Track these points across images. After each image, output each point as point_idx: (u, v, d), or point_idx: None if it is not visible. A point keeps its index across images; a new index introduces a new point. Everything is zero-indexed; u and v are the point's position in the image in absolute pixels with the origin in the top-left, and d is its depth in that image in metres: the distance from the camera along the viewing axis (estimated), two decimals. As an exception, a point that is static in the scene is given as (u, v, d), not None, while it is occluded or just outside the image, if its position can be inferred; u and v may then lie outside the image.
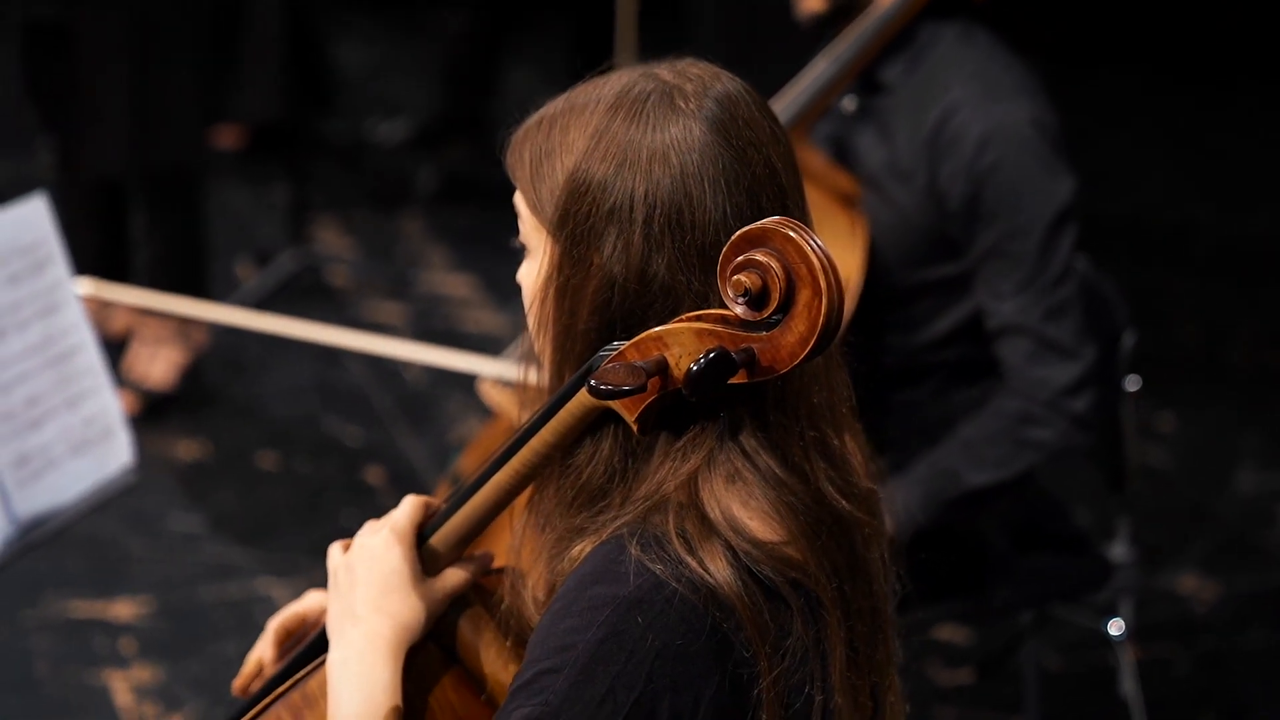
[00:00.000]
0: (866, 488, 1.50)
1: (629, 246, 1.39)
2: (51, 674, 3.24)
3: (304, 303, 4.58)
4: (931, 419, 2.59)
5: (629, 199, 1.39)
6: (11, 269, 2.25)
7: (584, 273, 1.42)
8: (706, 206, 1.39)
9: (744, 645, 1.36)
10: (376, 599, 1.49)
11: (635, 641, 1.34)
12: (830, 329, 1.30)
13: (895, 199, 2.52)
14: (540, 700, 1.34)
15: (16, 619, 3.37)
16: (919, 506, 2.48)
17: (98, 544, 3.61)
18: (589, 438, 1.44)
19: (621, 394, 1.33)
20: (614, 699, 1.33)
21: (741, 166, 1.40)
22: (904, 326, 2.58)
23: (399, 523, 1.52)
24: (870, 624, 1.47)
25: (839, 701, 1.42)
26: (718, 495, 1.39)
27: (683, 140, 1.40)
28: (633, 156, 1.40)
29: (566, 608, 1.37)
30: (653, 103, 1.42)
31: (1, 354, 2.22)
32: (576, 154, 1.42)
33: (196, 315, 3.60)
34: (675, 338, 1.36)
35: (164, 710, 3.14)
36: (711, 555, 1.36)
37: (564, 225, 1.42)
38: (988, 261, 2.46)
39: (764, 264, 1.30)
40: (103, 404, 2.34)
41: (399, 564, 1.50)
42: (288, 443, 4.07)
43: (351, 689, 1.46)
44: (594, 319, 1.42)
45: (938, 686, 3.28)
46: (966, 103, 2.45)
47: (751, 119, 1.43)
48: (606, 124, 1.42)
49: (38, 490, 2.24)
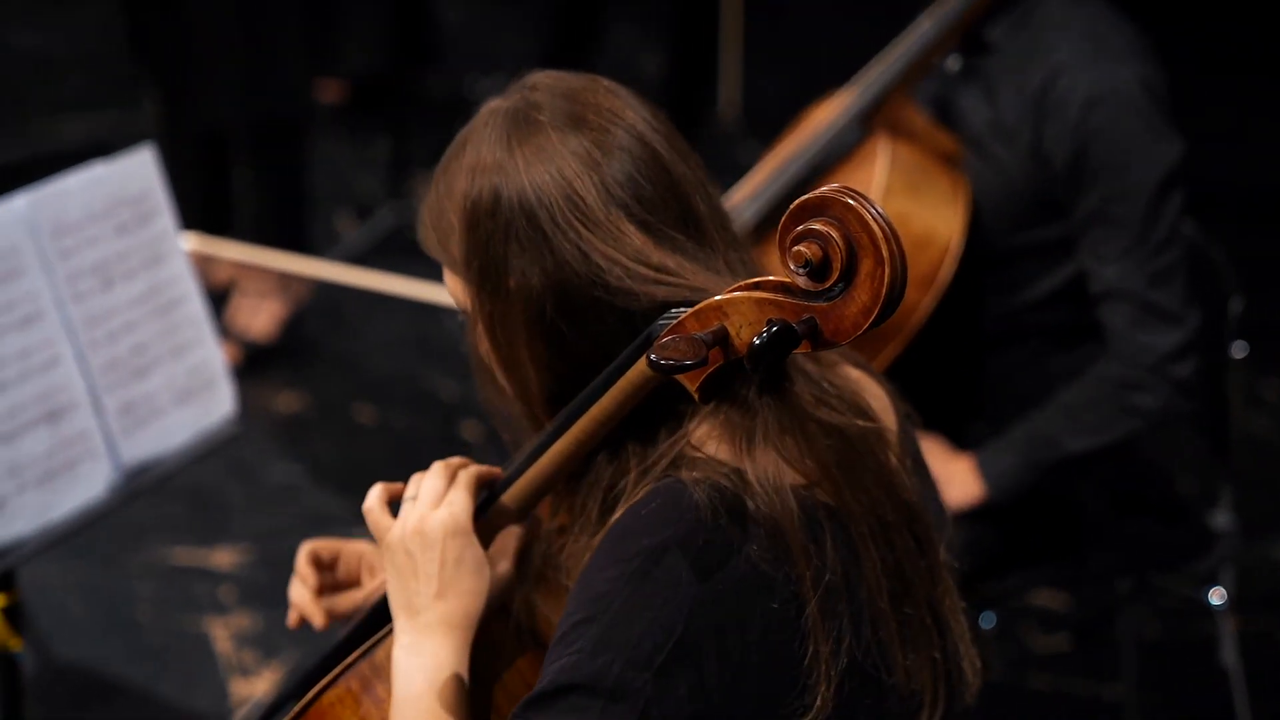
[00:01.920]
0: (862, 401, 1.50)
1: (536, 255, 1.44)
2: (153, 619, 3.30)
3: (403, 257, 4.60)
4: (1031, 382, 2.57)
5: (518, 208, 1.45)
6: (119, 219, 2.28)
7: (505, 301, 1.46)
8: (591, 191, 1.43)
9: (786, 579, 1.37)
10: (439, 587, 1.49)
11: (671, 586, 1.35)
12: (894, 297, 1.29)
13: (998, 160, 2.49)
14: (575, 649, 1.35)
15: (121, 564, 3.43)
16: (1019, 471, 2.46)
17: (199, 492, 3.67)
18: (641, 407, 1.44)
19: (684, 369, 1.33)
20: (651, 641, 1.34)
21: (610, 146, 1.46)
22: (1004, 289, 2.56)
23: (458, 510, 1.51)
24: (910, 536, 1.48)
25: (883, 635, 1.43)
26: (743, 443, 1.40)
27: (547, 143, 1.46)
28: (508, 172, 1.46)
29: (600, 559, 1.39)
30: (509, 120, 1.49)
31: (109, 303, 2.26)
32: (460, 193, 1.48)
33: (297, 270, 3.64)
34: (735, 307, 1.35)
35: (262, 657, 3.18)
36: (749, 499, 1.37)
37: (471, 263, 1.48)
38: (1091, 225, 2.44)
39: (824, 234, 1.28)
40: (206, 354, 2.37)
41: (460, 551, 1.50)
42: (385, 396, 4.10)
43: (417, 673, 1.47)
44: (535, 341, 1.46)
45: (1033, 652, 3.26)
46: (1074, 63, 2.42)
47: (606, 102, 1.49)
48: (475, 156, 1.48)
49: (143, 438, 2.28)
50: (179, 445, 2.33)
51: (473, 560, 1.50)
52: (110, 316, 2.26)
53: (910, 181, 2.50)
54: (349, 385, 4.16)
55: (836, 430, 1.44)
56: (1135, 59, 2.43)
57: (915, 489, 1.51)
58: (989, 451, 2.50)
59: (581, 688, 1.34)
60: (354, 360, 4.28)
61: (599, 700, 1.33)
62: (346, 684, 1.51)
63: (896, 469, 1.49)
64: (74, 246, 2.22)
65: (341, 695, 1.51)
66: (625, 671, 1.33)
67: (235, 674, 3.15)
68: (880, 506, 1.45)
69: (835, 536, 1.41)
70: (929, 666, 1.46)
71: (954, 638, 1.50)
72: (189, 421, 2.34)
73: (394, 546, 1.51)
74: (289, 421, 4.00)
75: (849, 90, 2.63)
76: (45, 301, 2.18)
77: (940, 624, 1.49)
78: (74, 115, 5.35)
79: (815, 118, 2.70)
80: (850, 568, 1.42)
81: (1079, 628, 3.32)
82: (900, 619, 1.45)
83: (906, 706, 1.45)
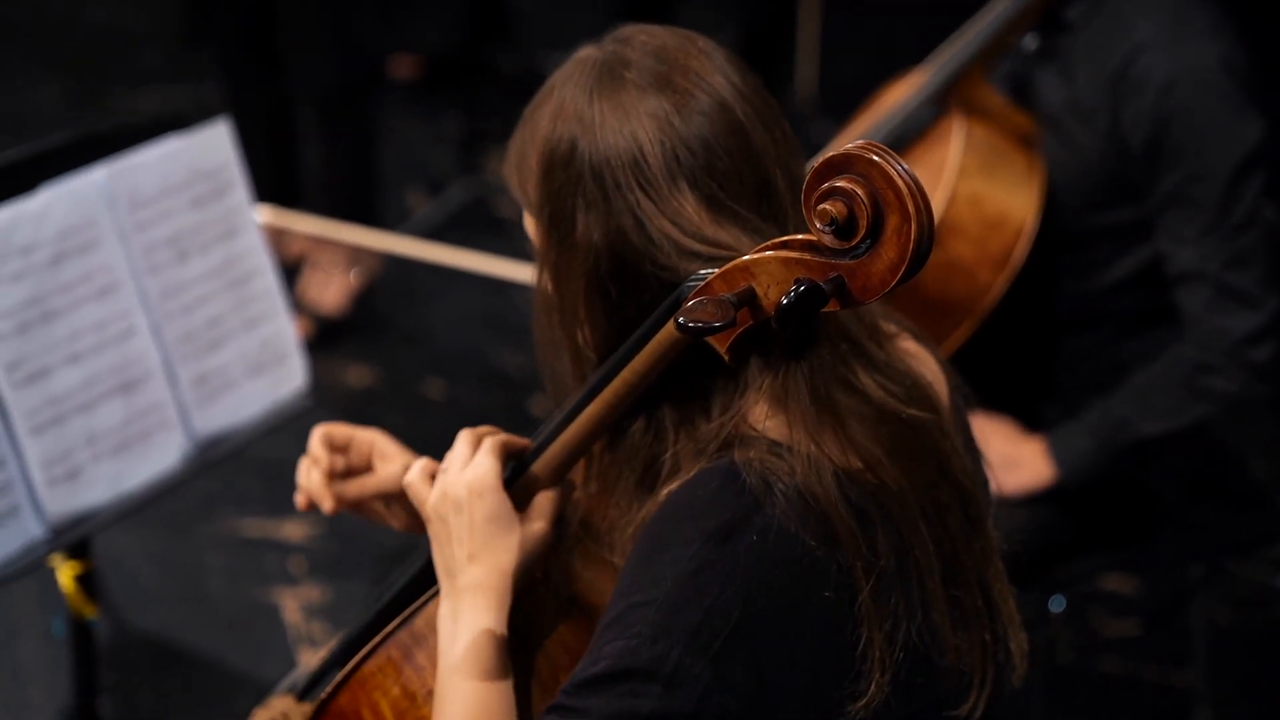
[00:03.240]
0: (922, 388, 1.49)
1: (599, 213, 1.43)
2: (224, 590, 3.33)
3: (474, 233, 4.62)
4: (1104, 366, 2.55)
5: (589, 164, 1.44)
6: (195, 192, 2.29)
7: (569, 250, 1.46)
8: (659, 158, 1.42)
9: (840, 566, 1.36)
10: (471, 548, 1.49)
11: (728, 570, 1.34)
12: (921, 254, 1.27)
13: (1075, 140, 2.47)
14: (633, 632, 1.34)
15: (192, 535, 3.47)
16: (1091, 455, 2.44)
17: (270, 465, 3.69)
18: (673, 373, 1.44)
19: (711, 330, 1.32)
20: (709, 627, 1.33)
21: (689, 112, 1.44)
22: (1080, 270, 2.53)
23: (482, 470, 1.51)
24: (964, 517, 1.47)
25: (935, 618, 1.42)
26: (798, 423, 1.39)
27: (626, 101, 1.45)
28: (585, 126, 1.45)
29: (655, 540, 1.38)
30: (598, 72, 1.48)
31: (184, 276, 2.27)
32: (540, 138, 1.48)
33: (368, 244, 3.66)
34: (762, 267, 1.34)
35: (331, 629, 3.21)
36: (803, 481, 1.36)
37: (543, 209, 1.48)
38: (1169, 206, 2.41)
39: (849, 191, 1.27)
40: (279, 328, 2.38)
41: (488, 510, 1.49)
42: (454, 371, 4.12)
43: (456, 640, 1.47)
44: (591, 294, 1.46)
45: (1103, 636, 3.24)
46: (1153, 42, 2.39)
47: (696, 64, 1.47)
48: (560, 101, 1.48)
49: (215, 410, 2.30)
50: (251, 417, 2.34)
51: (502, 518, 1.49)
52: (185, 289, 2.27)
53: (985, 161, 2.48)
54: (419, 360, 4.18)
55: (895, 417, 1.43)
56: (1217, 38, 2.40)
57: (968, 470, 1.50)
58: (1060, 434, 2.48)
59: (640, 672, 1.33)
60: (424, 335, 4.29)
61: (657, 685, 1.33)
62: (387, 653, 1.52)
63: (951, 452, 1.48)
64: (150, 219, 2.24)
65: (383, 664, 1.52)
66: (684, 658, 1.33)
67: (304, 644, 3.18)
68: (934, 489, 1.44)
69: (886, 523, 1.40)
70: (979, 648, 1.46)
71: (1003, 620, 1.49)
72: (261, 394, 2.35)
73: (430, 516, 1.53)
74: (359, 395, 4.02)
75: (925, 69, 2.61)
76: (122, 273, 2.20)
77: (990, 606, 1.48)
78: (150, 89, 5.40)
79: (890, 96, 2.68)
80: (903, 552, 1.41)
81: (1150, 613, 3.29)
82: (952, 600, 1.44)
83: (956, 687, 1.45)
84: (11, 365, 2.07)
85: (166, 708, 3.02)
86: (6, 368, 2.07)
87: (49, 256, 2.12)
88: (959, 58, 2.54)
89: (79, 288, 2.15)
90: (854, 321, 1.45)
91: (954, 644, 1.43)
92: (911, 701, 1.41)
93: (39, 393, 2.10)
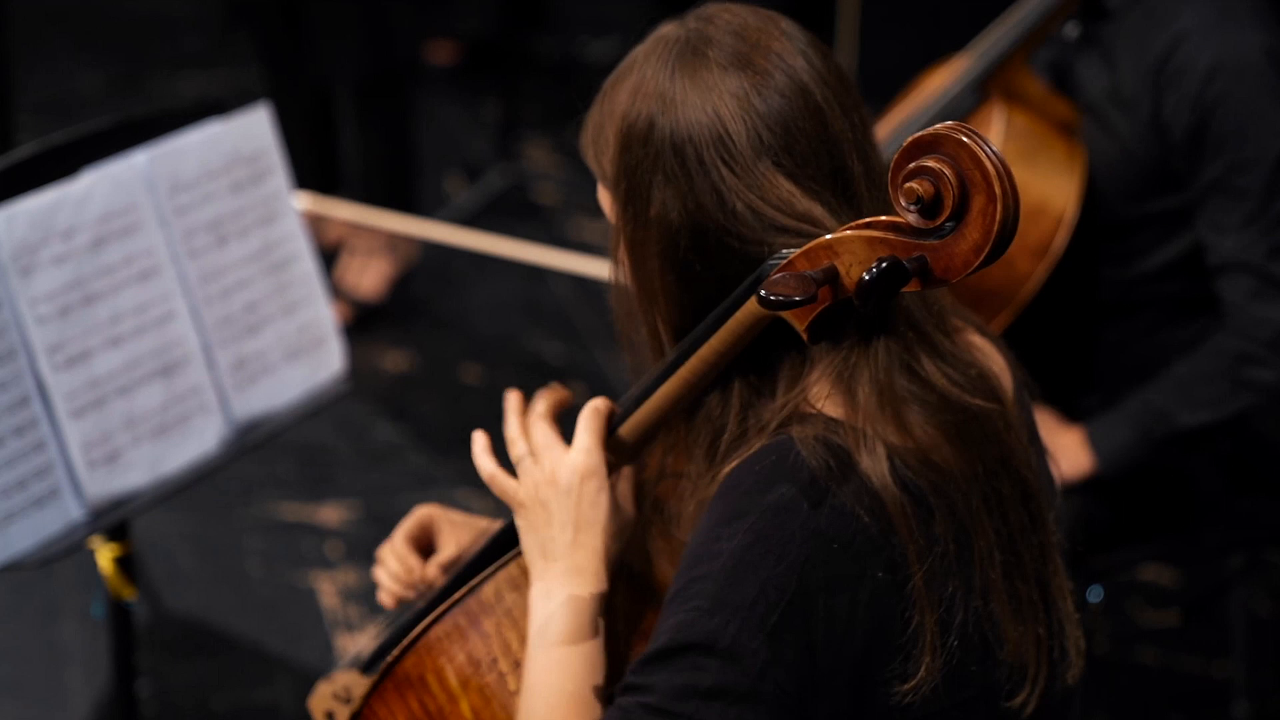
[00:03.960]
0: (989, 379, 1.48)
1: (677, 191, 1.43)
2: (262, 573, 3.34)
3: (511, 219, 4.62)
4: (1144, 355, 2.53)
5: (668, 142, 1.44)
6: (234, 177, 2.30)
7: (645, 227, 1.46)
8: (743, 134, 1.42)
9: (895, 547, 1.36)
10: (574, 532, 1.50)
11: (784, 545, 1.35)
12: (1006, 236, 1.27)
13: (1116, 128, 2.45)
14: (691, 606, 1.36)
15: (230, 518, 3.48)
16: (1130, 445, 2.43)
17: (307, 449, 3.71)
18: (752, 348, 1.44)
19: (792, 304, 1.33)
20: (765, 600, 1.34)
21: (769, 92, 1.44)
22: (1120, 259, 2.52)
23: (591, 453, 1.52)
24: (1024, 511, 1.47)
25: (995, 607, 1.42)
26: (860, 404, 1.39)
27: (708, 79, 1.44)
28: (666, 103, 1.45)
29: (714, 516, 1.39)
30: (679, 49, 1.47)
31: (223, 260, 2.28)
32: (620, 113, 1.48)
33: (407, 230, 3.66)
34: (845, 246, 1.34)
35: (367, 613, 3.22)
36: (860, 461, 1.37)
37: (620, 184, 1.48)
38: (1211, 195, 2.39)
39: (936, 170, 1.27)
40: (317, 313, 2.39)
41: (595, 494, 1.51)
42: (491, 357, 4.12)
43: (552, 620, 1.48)
44: (668, 270, 1.46)
45: (1141, 626, 3.22)
46: (1196, 30, 2.37)
47: (777, 45, 1.47)
48: (640, 78, 1.48)
49: (254, 394, 2.31)
50: (289, 402, 2.35)
51: (608, 501, 1.51)
52: (224, 273, 2.28)
53: (1025, 149, 2.46)
54: (456, 346, 4.19)
55: (958, 406, 1.43)
56: (1260, 26, 2.38)
57: (1032, 465, 1.50)
58: (1100, 424, 2.47)
59: (699, 646, 1.35)
60: (461, 321, 4.30)
61: (715, 659, 1.34)
62: (454, 620, 1.54)
63: (1015, 445, 1.48)
64: (190, 203, 2.25)
65: (449, 630, 1.53)
66: (741, 633, 1.34)
67: (340, 629, 3.19)
68: (995, 480, 1.44)
69: (945, 509, 1.40)
70: (1034, 642, 1.45)
71: (1060, 617, 1.49)
72: (299, 379, 2.36)
73: (528, 502, 1.53)
74: (396, 381, 4.03)
75: (965, 55, 2.60)
76: (162, 257, 2.21)
77: (1048, 601, 1.48)
78: (190, 74, 5.42)
79: (930, 83, 2.67)
80: (963, 540, 1.41)
81: (1189, 603, 3.28)
82: (1011, 592, 1.43)
83: (1011, 679, 1.44)
84: (53, 348, 2.09)
85: (203, 690, 3.04)
86: (48, 351, 2.08)
87: (90, 240, 2.13)
88: (1000, 44, 2.53)
89: (120, 271, 2.16)
90: (922, 310, 1.45)
91: (1013, 636, 1.43)
92: (964, 689, 1.41)
93: (80, 376, 2.11)
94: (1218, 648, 3.12)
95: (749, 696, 1.34)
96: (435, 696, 1.52)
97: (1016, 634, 1.43)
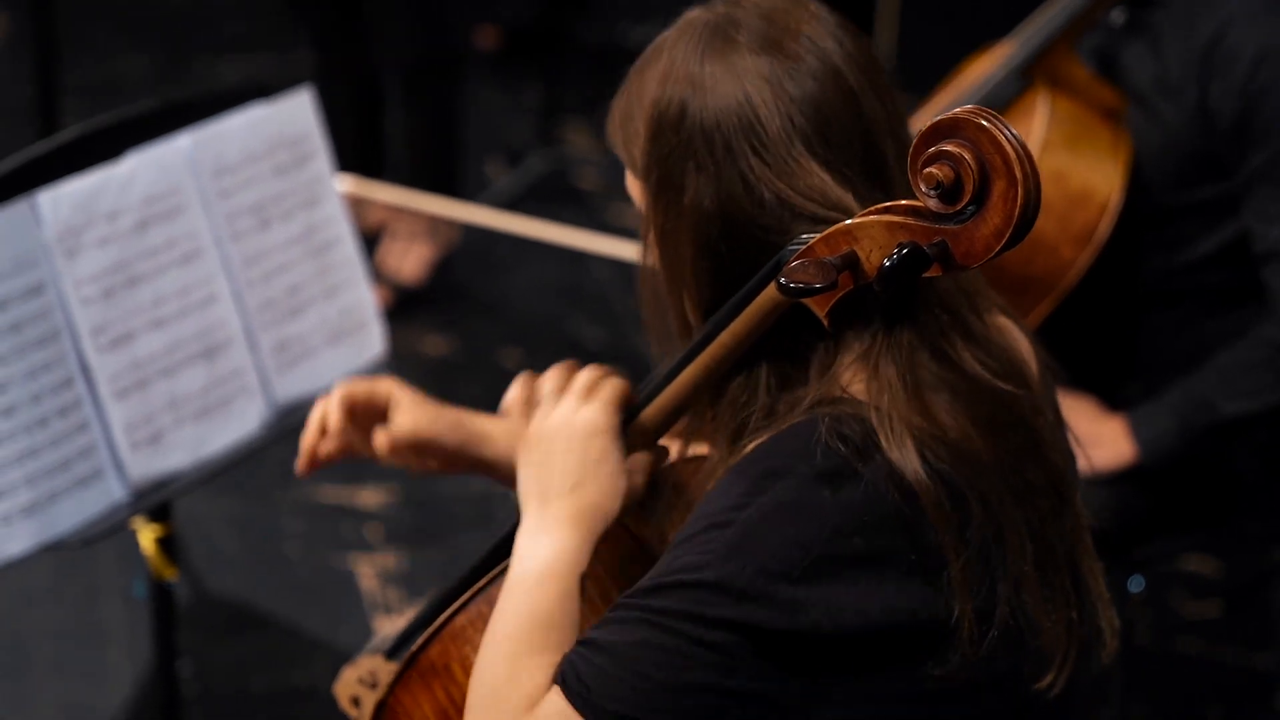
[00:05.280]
0: (1018, 364, 1.47)
1: (710, 177, 1.42)
2: (302, 555, 3.36)
3: (552, 204, 4.62)
4: (1187, 345, 2.52)
5: (699, 128, 1.42)
6: (277, 160, 2.31)
7: (677, 214, 1.45)
8: (773, 118, 1.41)
9: (929, 535, 1.35)
10: (575, 481, 1.49)
11: (816, 510, 1.34)
12: (1027, 220, 1.26)
13: (1163, 116, 2.43)
14: (704, 550, 1.34)
15: (270, 500, 3.50)
16: (1172, 434, 2.42)
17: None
18: (772, 335, 1.43)
19: (812, 292, 1.32)
20: (786, 554, 1.33)
21: (801, 75, 1.42)
22: (1164, 247, 2.50)
23: (606, 410, 1.51)
24: (1053, 497, 1.45)
25: (1028, 597, 1.40)
26: (891, 390, 1.38)
27: (739, 63, 1.43)
28: (696, 89, 1.43)
29: (742, 474, 1.38)
30: (708, 34, 1.46)
31: (265, 243, 2.29)
32: (650, 99, 1.46)
33: (448, 214, 3.66)
34: (865, 231, 1.34)
35: (406, 596, 3.23)
36: (896, 444, 1.35)
37: (651, 172, 1.46)
38: (1257, 184, 2.38)
39: (956, 155, 1.26)
40: (358, 296, 2.40)
41: (602, 451, 1.50)
42: (531, 342, 4.13)
43: (532, 558, 1.46)
44: (700, 257, 1.44)
45: (1183, 617, 3.21)
46: (1243, 17, 2.36)
47: (808, 28, 1.45)
48: (669, 64, 1.46)
49: (295, 376, 2.31)
50: (330, 385, 2.36)
51: (614, 462, 1.50)
52: (266, 256, 2.29)
53: (1070, 136, 2.45)
54: (496, 330, 4.19)
55: (989, 391, 1.42)
56: (1310, 12, 2.36)
57: (1060, 447, 1.49)
58: (1141, 413, 2.45)
59: (710, 585, 1.33)
60: (501, 305, 4.31)
61: (728, 598, 1.32)
62: (478, 608, 1.53)
63: (1044, 429, 1.47)
64: (233, 186, 2.25)
65: (474, 618, 1.53)
66: (757, 577, 1.32)
67: (379, 611, 3.20)
68: (1024, 465, 1.43)
69: (978, 497, 1.39)
70: (1066, 629, 1.44)
71: (1091, 599, 1.48)
72: (340, 362, 2.37)
73: (535, 438, 1.52)
74: (436, 364, 4.04)
75: (1010, 42, 2.59)
76: (205, 240, 2.22)
77: (1079, 585, 1.47)
78: (234, 57, 5.43)
79: (974, 70, 2.66)
80: (996, 528, 1.40)
81: (1231, 594, 3.26)
82: (1044, 581, 1.42)
83: (1039, 662, 1.43)
84: (97, 330, 2.10)
85: (244, 671, 3.06)
86: (92, 332, 2.09)
87: (134, 222, 2.14)
88: (1045, 31, 2.51)
89: (163, 254, 2.17)
90: (956, 293, 1.44)
91: (1046, 625, 1.42)
92: (994, 671, 1.40)
93: (123, 357, 2.12)
94: (1260, 639, 3.10)
95: (755, 636, 1.32)
96: (460, 685, 1.53)
97: (1049, 622, 1.42)
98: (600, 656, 1.36)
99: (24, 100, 4.19)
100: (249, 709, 3.00)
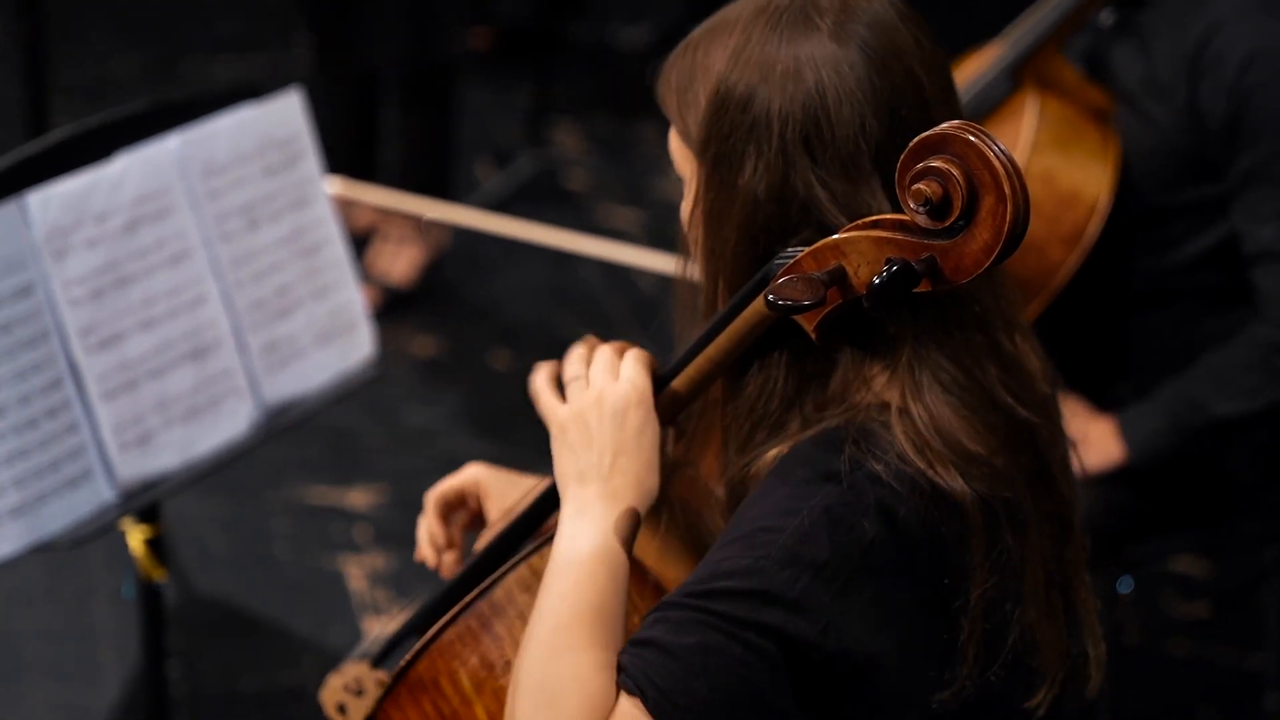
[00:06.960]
0: (1042, 391, 1.46)
1: (769, 165, 1.39)
2: (290, 555, 3.36)
3: (541, 205, 4.62)
4: (1178, 345, 2.52)
5: (766, 116, 1.39)
6: (267, 161, 2.31)
7: (729, 195, 1.41)
8: (844, 119, 1.37)
9: (959, 551, 1.35)
10: (614, 457, 1.44)
11: (861, 515, 1.32)
12: (1016, 236, 1.26)
13: (1152, 116, 2.44)
14: (759, 553, 1.32)
15: (259, 501, 3.49)
16: (1162, 435, 2.42)
17: (336, 433, 3.72)
18: (767, 346, 1.42)
19: (800, 309, 1.31)
20: (832, 567, 1.32)
21: (879, 77, 1.39)
22: (1154, 248, 2.51)
23: (640, 383, 1.47)
24: (1057, 525, 1.45)
25: (1032, 615, 1.40)
26: (922, 403, 1.37)
27: (817, 54, 1.39)
28: (768, 72, 1.39)
29: (786, 479, 1.36)
30: (788, 17, 1.41)
31: (255, 244, 2.29)
32: (716, 74, 1.42)
33: (437, 215, 3.66)
34: (853, 246, 1.33)
35: (395, 597, 3.23)
36: (938, 463, 1.34)
37: (708, 148, 1.43)
38: (1247, 184, 2.38)
39: (944, 171, 1.25)
40: (347, 297, 2.39)
41: (641, 423, 1.45)
42: (520, 343, 4.13)
43: (581, 536, 1.41)
44: (742, 241, 1.42)
45: (1173, 619, 3.21)
46: (1233, 17, 2.36)
47: (891, 28, 1.41)
48: (743, 41, 1.41)
49: (284, 377, 2.31)
50: (319, 386, 2.36)
51: (652, 433, 1.46)
52: (255, 257, 2.29)
53: (1059, 137, 2.45)
54: (485, 331, 4.19)
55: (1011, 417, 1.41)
56: (1299, 13, 2.36)
57: (1068, 475, 1.48)
58: (1132, 414, 2.46)
59: (762, 594, 1.31)
60: (491, 306, 4.31)
61: (780, 609, 1.31)
62: (466, 623, 1.53)
63: (1056, 458, 1.46)
64: (222, 187, 2.25)
65: (462, 634, 1.53)
66: (811, 586, 1.31)
67: (368, 612, 3.20)
68: (1037, 493, 1.43)
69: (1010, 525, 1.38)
70: (1059, 650, 1.44)
71: (1083, 632, 1.48)
72: (329, 363, 2.36)
73: (569, 421, 1.47)
74: (426, 365, 4.04)
75: (999, 43, 2.59)
76: (194, 240, 2.21)
77: (1071, 615, 1.47)
78: (225, 57, 5.43)
79: (964, 70, 2.66)
80: (1019, 553, 1.39)
81: (1221, 595, 3.26)
82: (1048, 606, 1.42)
83: (1030, 683, 1.43)
84: (85, 330, 2.09)
85: (233, 671, 3.06)
86: (80, 333, 2.09)
87: (123, 223, 2.14)
88: (1034, 32, 2.52)
89: (152, 254, 2.17)
90: (994, 311, 1.42)
91: (1044, 647, 1.42)
92: (989, 690, 1.39)
93: (112, 358, 2.12)
94: (1250, 640, 3.10)
95: (805, 648, 1.31)
96: (449, 700, 1.52)
97: (1047, 645, 1.42)
98: (669, 661, 1.31)
99: (14, 100, 4.18)
100: (238, 709, 2.99)
